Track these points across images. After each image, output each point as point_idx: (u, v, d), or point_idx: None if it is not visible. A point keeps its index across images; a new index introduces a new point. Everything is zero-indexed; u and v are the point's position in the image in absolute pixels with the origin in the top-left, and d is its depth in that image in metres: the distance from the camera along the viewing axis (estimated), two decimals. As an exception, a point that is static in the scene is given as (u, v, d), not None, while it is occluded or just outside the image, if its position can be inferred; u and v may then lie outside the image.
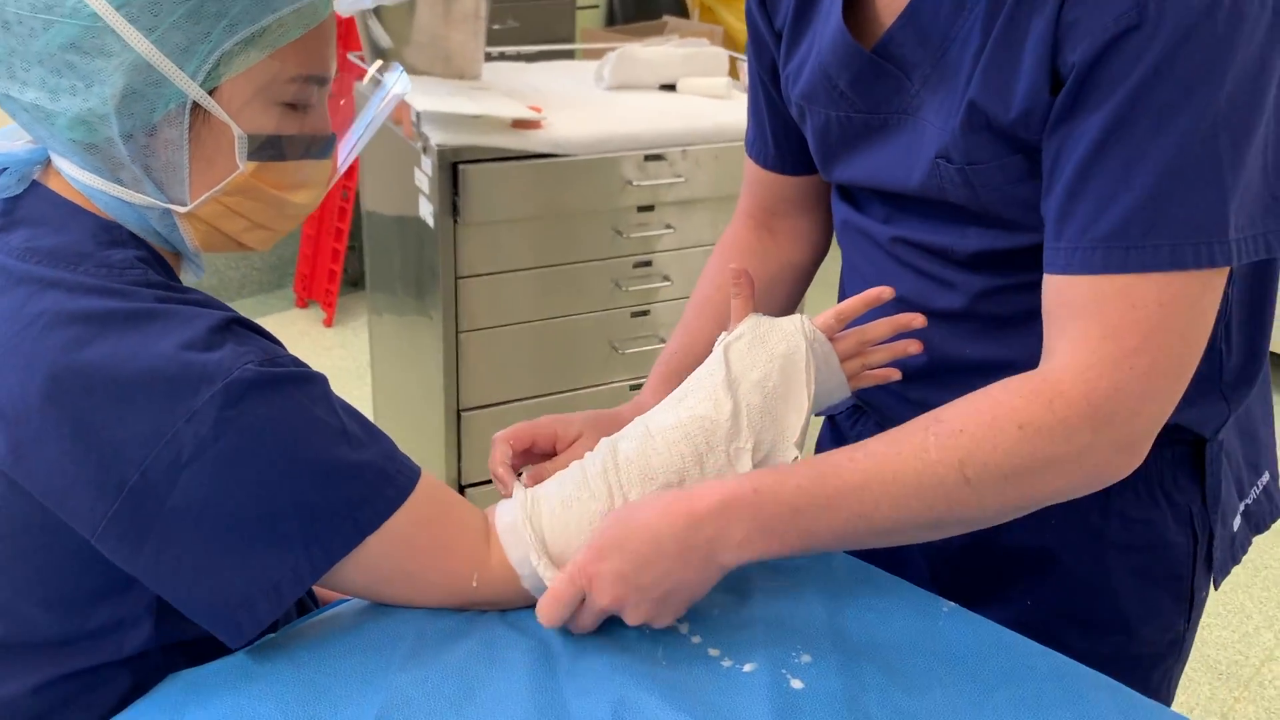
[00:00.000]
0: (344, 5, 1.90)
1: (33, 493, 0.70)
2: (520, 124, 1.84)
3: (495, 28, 3.24)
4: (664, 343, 2.09)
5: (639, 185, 1.92)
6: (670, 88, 2.19)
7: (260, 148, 0.76)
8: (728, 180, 2.00)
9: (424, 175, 1.85)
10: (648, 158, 1.92)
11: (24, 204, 0.77)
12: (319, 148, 0.81)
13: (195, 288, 0.78)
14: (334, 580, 0.76)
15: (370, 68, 0.96)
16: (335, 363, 3.17)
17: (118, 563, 0.71)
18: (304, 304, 3.48)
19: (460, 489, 2.05)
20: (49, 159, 0.78)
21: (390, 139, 2.02)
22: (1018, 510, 0.78)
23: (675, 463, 0.82)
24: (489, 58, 2.30)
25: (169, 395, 0.69)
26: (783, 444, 0.84)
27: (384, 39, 1.96)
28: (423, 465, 0.81)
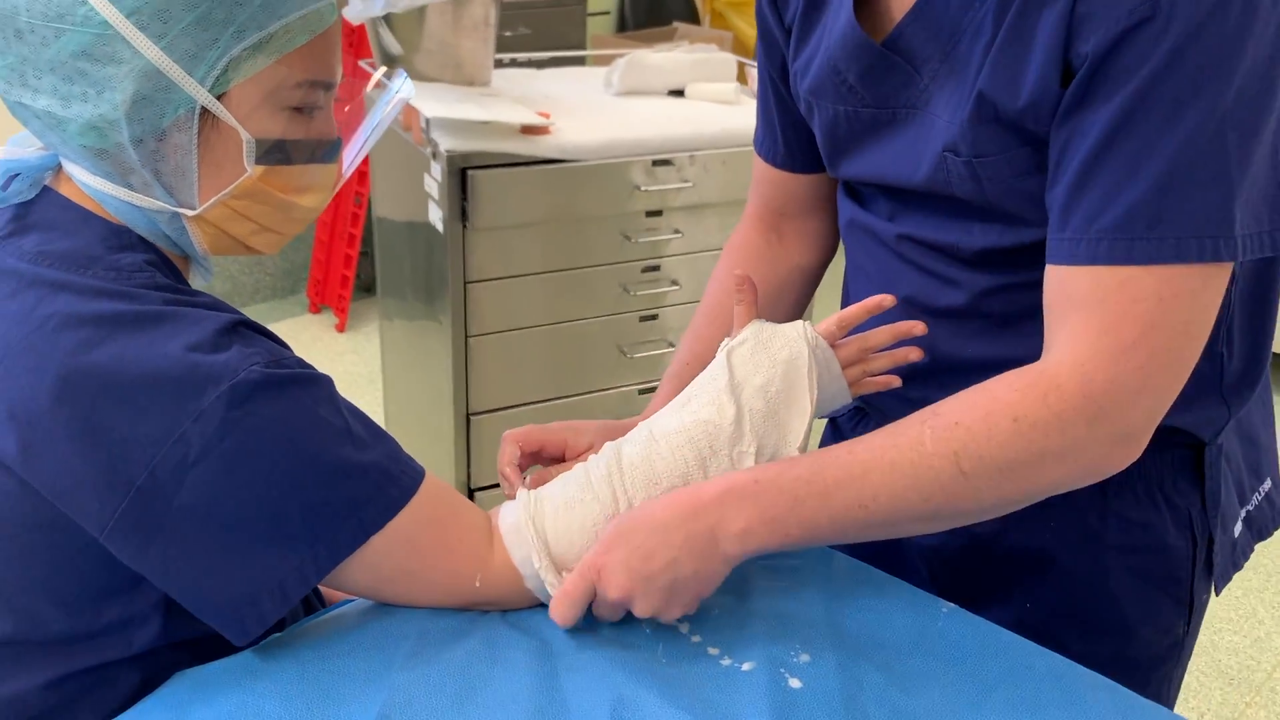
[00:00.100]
0: (354, 13, 1.92)
1: (43, 491, 0.71)
2: (529, 130, 1.84)
3: (506, 34, 3.25)
4: (673, 347, 2.10)
5: (647, 190, 1.93)
6: (679, 93, 2.20)
7: (267, 152, 0.78)
8: (736, 185, 2.00)
9: (433, 181, 1.86)
10: (656, 163, 1.92)
11: (36, 209, 0.78)
12: (325, 152, 0.82)
13: (208, 292, 0.79)
14: (338, 579, 0.77)
15: (375, 73, 0.97)
16: (347, 368, 3.17)
17: (126, 561, 0.72)
18: (317, 310, 3.49)
19: (470, 493, 2.06)
20: (60, 165, 0.79)
21: (400, 145, 2.03)
22: (1015, 503, 0.78)
23: (679, 466, 0.83)
24: (499, 64, 2.31)
25: (176, 396, 0.70)
26: (785, 448, 0.85)
27: (394, 46, 1.97)
28: (433, 469, 0.81)
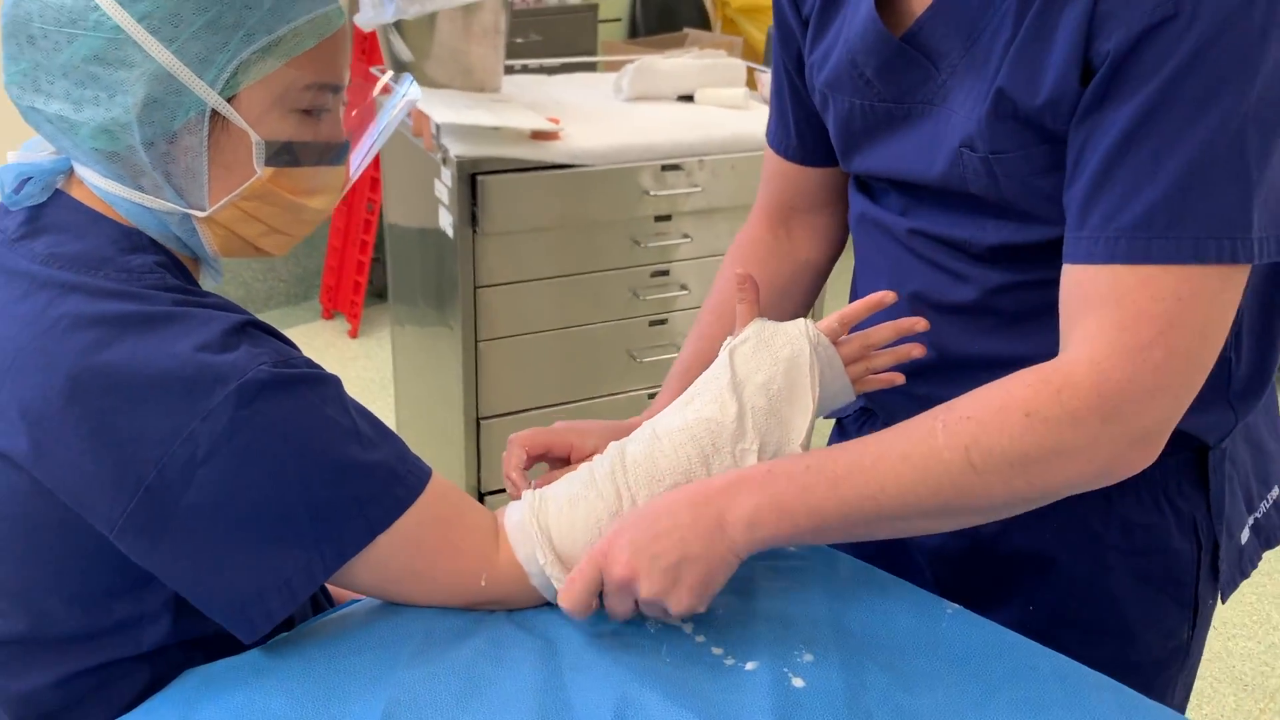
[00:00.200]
0: (366, 19, 1.93)
1: (53, 490, 0.72)
2: (538, 135, 1.85)
3: (518, 41, 3.26)
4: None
5: (656, 195, 1.94)
6: (688, 99, 2.20)
7: (277, 154, 0.78)
8: (745, 190, 2.00)
9: (444, 186, 1.87)
10: (665, 168, 1.93)
11: (48, 212, 0.79)
12: (333, 154, 0.83)
13: (219, 295, 0.80)
14: (344, 578, 0.77)
15: (383, 77, 0.98)
16: (360, 374, 3.18)
17: (135, 559, 0.73)
18: (329, 315, 3.50)
19: (480, 496, 2.06)
20: (72, 168, 0.80)
21: (411, 151, 2.04)
22: (1026, 502, 0.77)
23: (682, 464, 0.83)
24: (510, 71, 2.32)
25: (185, 395, 0.70)
26: (788, 445, 0.85)
27: (405, 53, 1.99)
28: (444, 473, 0.82)
